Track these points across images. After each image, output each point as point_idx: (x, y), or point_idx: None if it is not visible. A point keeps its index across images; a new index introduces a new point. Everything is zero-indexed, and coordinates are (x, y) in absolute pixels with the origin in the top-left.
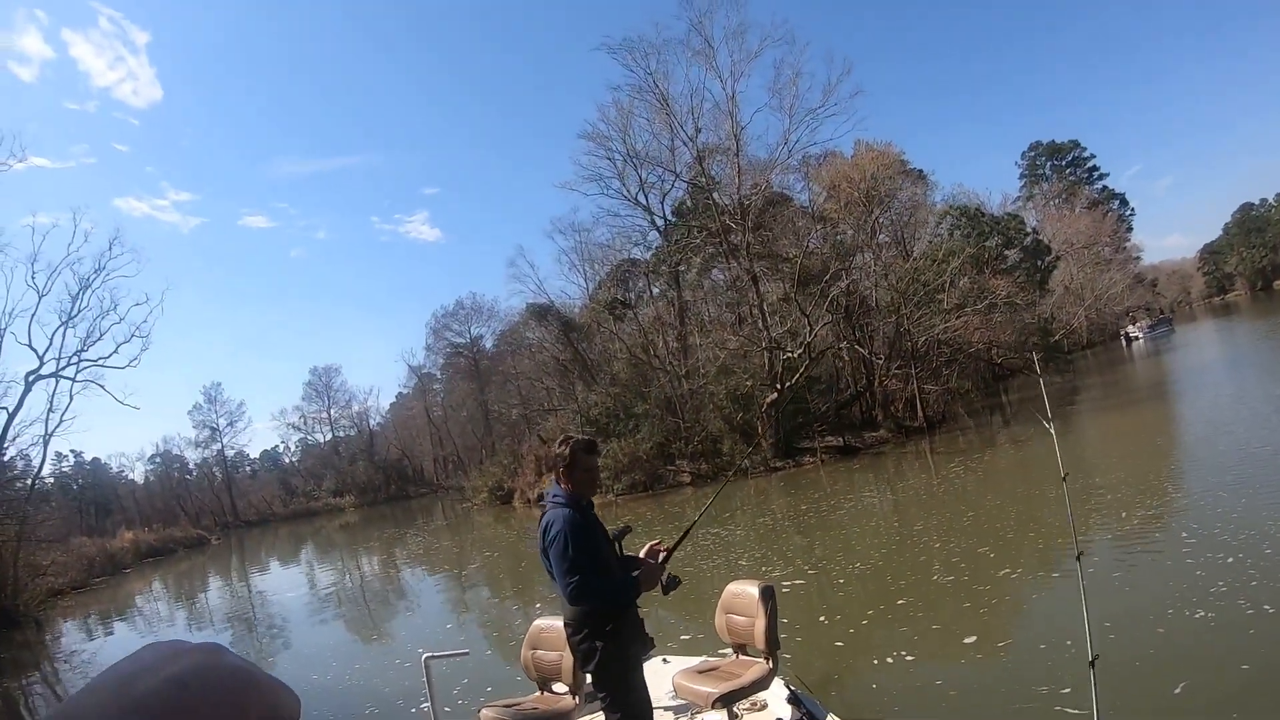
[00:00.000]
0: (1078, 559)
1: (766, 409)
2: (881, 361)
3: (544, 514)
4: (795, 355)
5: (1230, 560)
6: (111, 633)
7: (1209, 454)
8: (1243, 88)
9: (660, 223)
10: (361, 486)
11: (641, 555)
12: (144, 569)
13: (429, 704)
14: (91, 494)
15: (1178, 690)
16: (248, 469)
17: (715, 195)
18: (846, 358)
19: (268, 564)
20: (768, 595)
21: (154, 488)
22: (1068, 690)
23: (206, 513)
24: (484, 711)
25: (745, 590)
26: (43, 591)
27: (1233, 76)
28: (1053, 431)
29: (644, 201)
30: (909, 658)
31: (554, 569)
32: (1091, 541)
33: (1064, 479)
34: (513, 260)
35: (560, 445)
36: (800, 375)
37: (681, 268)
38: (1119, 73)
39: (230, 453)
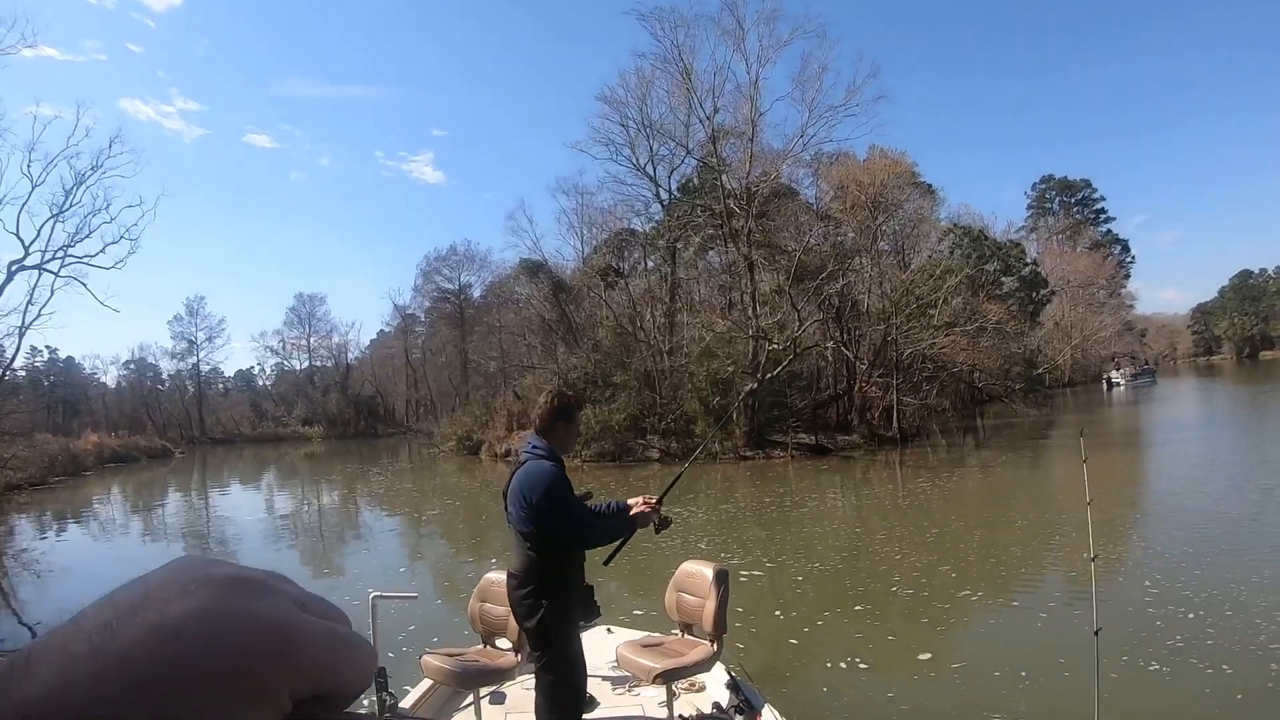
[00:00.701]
0: (1096, 634)
1: (744, 397)
2: (865, 367)
3: (521, 464)
4: (781, 348)
5: (1191, 616)
6: (64, 534)
7: (1178, 510)
8: (1263, 152)
9: (665, 196)
10: (331, 418)
11: (633, 503)
12: (105, 474)
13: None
14: (62, 392)
15: None
16: (220, 386)
17: (724, 177)
18: (830, 358)
19: (229, 483)
20: (721, 579)
21: (124, 393)
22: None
23: (174, 425)
24: (425, 658)
25: (699, 571)
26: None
27: (1254, 140)
28: (1083, 453)
29: (651, 173)
30: (862, 665)
31: (544, 518)
32: (1048, 575)
33: (1089, 503)
34: (512, 213)
35: (550, 397)
36: (783, 368)
37: (679, 245)
38: (1143, 117)
39: (205, 368)
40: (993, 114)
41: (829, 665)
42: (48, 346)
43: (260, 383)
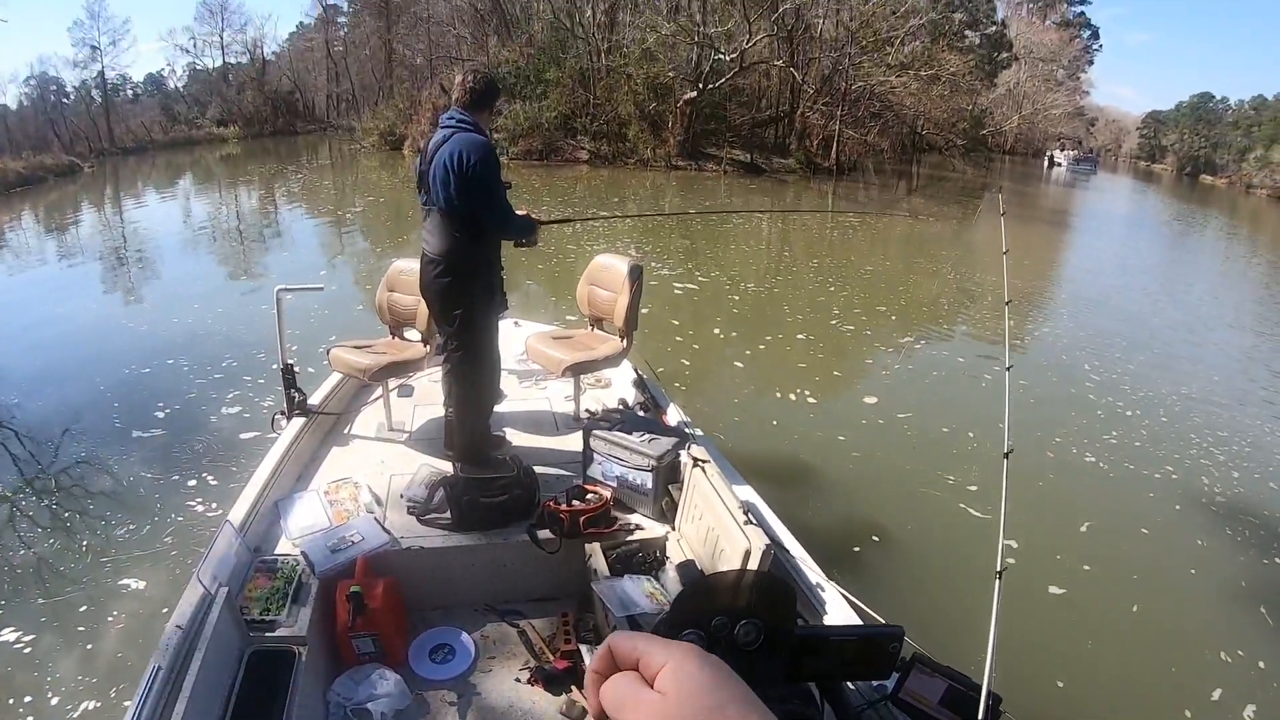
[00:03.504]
0: (1007, 370)
1: (682, 105)
2: (810, 93)
3: (446, 137)
4: (726, 58)
5: (1130, 415)
6: None
7: (1085, 289)
8: None
9: None
10: (248, 117)
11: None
12: (11, 200)
13: (277, 339)
14: None
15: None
16: (129, 93)
17: None
18: (775, 79)
19: (143, 194)
20: (635, 274)
21: (26, 112)
22: (974, 487)
23: (82, 139)
24: (334, 351)
25: (613, 265)
26: None
27: None
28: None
29: None
30: (811, 400)
31: (476, 190)
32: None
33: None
34: None
35: (480, 72)
36: (726, 80)
37: None
38: None
39: (111, 74)
40: None
41: (778, 395)
42: None
43: (171, 85)
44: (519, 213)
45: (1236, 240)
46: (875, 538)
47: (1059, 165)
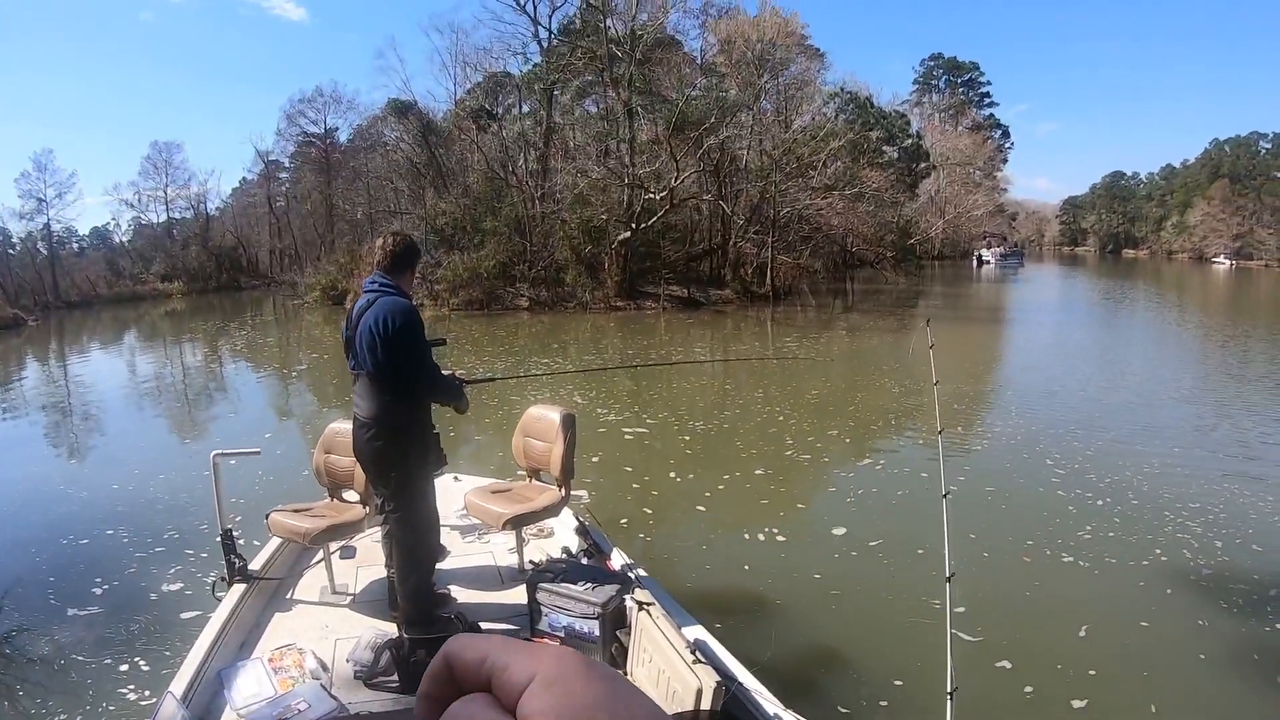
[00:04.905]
0: (944, 496)
1: (617, 246)
2: (741, 223)
3: (370, 301)
4: (657, 197)
5: (1100, 504)
6: None
7: (1031, 384)
8: (1147, 66)
9: (544, 36)
10: (192, 273)
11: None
12: None
13: (214, 504)
14: None
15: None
16: (75, 245)
17: (609, 19)
18: (706, 212)
19: (88, 349)
20: (568, 423)
21: None
22: (962, 609)
23: (26, 291)
24: (273, 515)
25: (546, 415)
26: None
27: (1141, 52)
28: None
29: (532, 11)
30: (780, 538)
31: (402, 353)
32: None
33: (936, 384)
34: (382, 51)
35: (399, 235)
36: (658, 219)
37: (556, 91)
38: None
39: (57, 227)
40: None
41: (746, 537)
42: None
43: (117, 239)
44: (445, 373)
45: (1165, 308)
46: (853, 672)
47: (988, 263)
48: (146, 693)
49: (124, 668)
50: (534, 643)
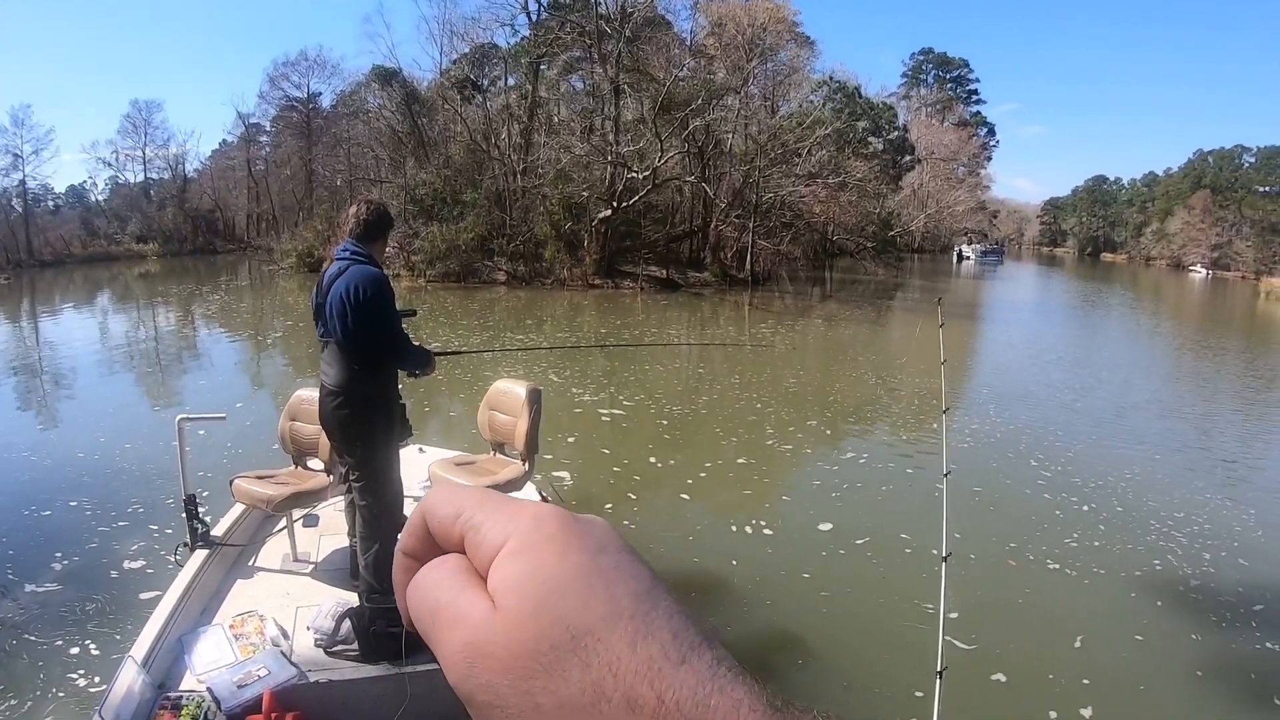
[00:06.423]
0: (945, 475)
1: (598, 224)
2: (723, 206)
3: (341, 269)
4: (640, 176)
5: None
6: None
7: (1019, 390)
8: (1139, 81)
9: (534, 8)
10: (167, 234)
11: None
12: None
13: (179, 470)
14: None
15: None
16: (50, 203)
17: None
18: (688, 194)
19: (60, 309)
20: (534, 398)
21: None
22: (955, 614)
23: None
24: (237, 482)
25: (511, 389)
26: None
27: (1133, 61)
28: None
29: None
30: (767, 531)
31: (371, 321)
32: (918, 435)
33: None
34: (369, 17)
35: (374, 203)
36: (640, 198)
37: (544, 65)
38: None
39: (33, 184)
40: None
41: (734, 529)
42: None
43: (93, 198)
44: (414, 344)
45: (1141, 313)
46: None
47: (967, 259)
48: (96, 679)
49: (74, 650)
50: (518, 500)
